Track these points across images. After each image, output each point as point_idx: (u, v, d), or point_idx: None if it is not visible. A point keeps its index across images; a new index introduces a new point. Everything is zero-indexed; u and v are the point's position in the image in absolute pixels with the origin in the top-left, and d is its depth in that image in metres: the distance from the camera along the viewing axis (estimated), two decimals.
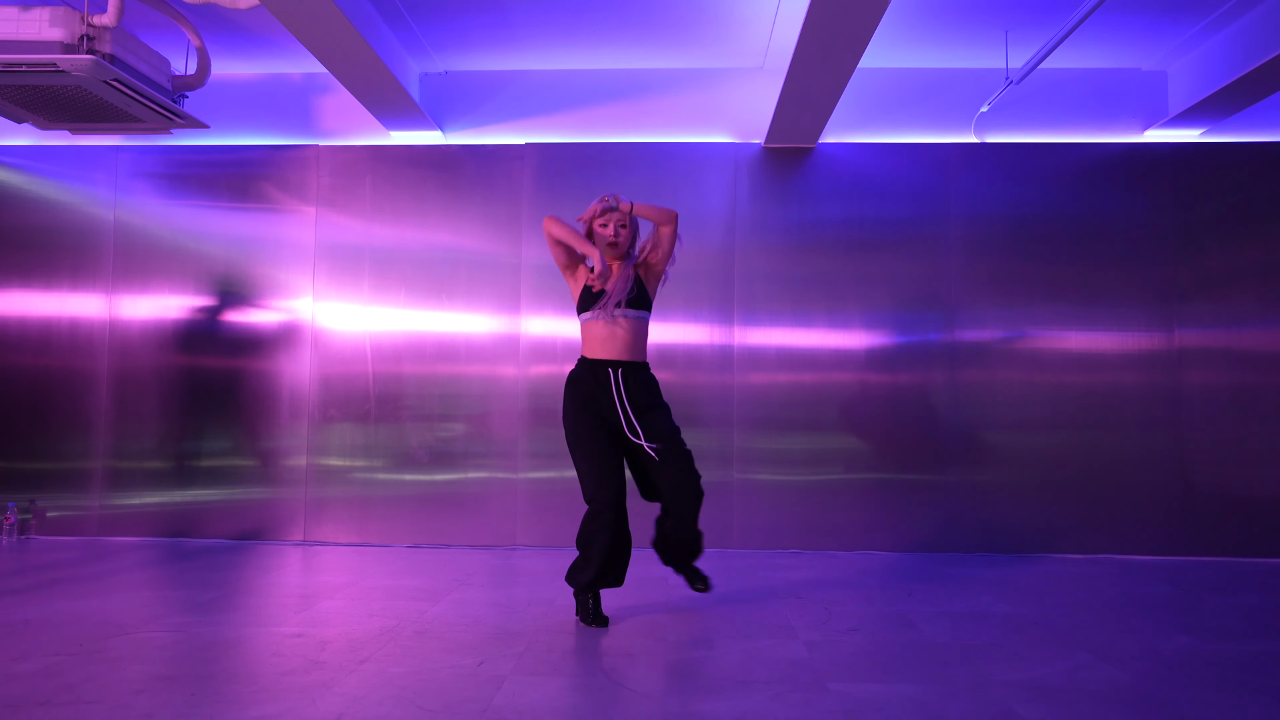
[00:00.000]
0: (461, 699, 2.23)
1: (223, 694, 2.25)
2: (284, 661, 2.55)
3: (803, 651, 2.71)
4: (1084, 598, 3.59)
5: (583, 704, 2.23)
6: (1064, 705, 2.23)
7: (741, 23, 4.41)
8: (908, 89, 4.89)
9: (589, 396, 3.09)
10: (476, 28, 4.47)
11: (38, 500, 4.92)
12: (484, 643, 2.79)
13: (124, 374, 4.95)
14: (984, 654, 2.71)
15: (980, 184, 4.81)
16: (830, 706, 2.20)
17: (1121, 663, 2.62)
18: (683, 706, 2.20)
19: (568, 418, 3.12)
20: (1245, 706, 2.24)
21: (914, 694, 2.31)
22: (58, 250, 5.02)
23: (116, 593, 3.51)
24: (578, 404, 3.10)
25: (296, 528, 4.84)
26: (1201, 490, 4.61)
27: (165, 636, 2.83)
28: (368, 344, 4.90)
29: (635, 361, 3.12)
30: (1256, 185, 4.72)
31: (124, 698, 2.21)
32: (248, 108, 5.02)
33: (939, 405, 4.73)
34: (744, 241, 4.82)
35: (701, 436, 4.64)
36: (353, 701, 2.20)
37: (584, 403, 3.09)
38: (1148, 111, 4.84)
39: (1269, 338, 4.65)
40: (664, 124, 4.92)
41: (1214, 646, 2.83)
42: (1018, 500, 4.66)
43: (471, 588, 3.68)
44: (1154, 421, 4.65)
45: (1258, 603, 3.51)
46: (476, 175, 4.92)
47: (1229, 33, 4.33)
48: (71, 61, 3.56)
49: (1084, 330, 4.72)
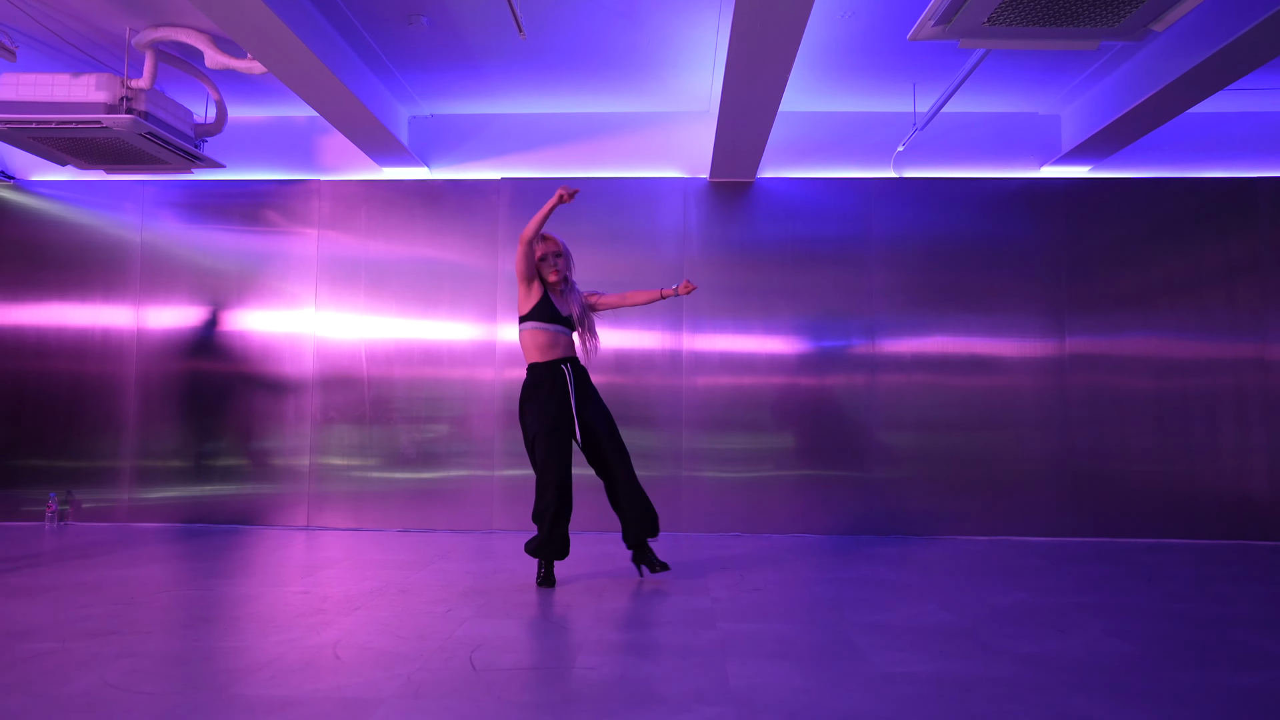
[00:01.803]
0: (430, 631, 2.92)
1: (248, 629, 2.95)
2: (293, 609, 3.24)
3: (707, 603, 3.41)
4: (961, 568, 4.28)
5: (521, 635, 2.92)
6: (893, 637, 2.91)
7: (688, 71, 5.09)
8: (834, 130, 5.59)
9: (547, 396, 3.76)
10: (457, 79, 5.16)
11: (74, 492, 5.62)
12: (454, 598, 3.48)
13: (149, 379, 5.65)
14: (850, 605, 3.41)
15: (898, 211, 5.50)
16: (712, 637, 2.89)
17: (957, 610, 3.32)
18: (599, 638, 2.89)
19: (531, 417, 3.78)
20: (1030, 634, 2.92)
21: (782, 630, 3.00)
22: (92, 269, 5.72)
23: (152, 564, 4.22)
24: (537, 404, 3.78)
25: (301, 515, 5.54)
26: (1087, 479, 5.30)
27: (197, 593, 3.52)
28: (363, 351, 5.59)
29: (575, 358, 3.89)
30: (1136, 214, 5.42)
31: (174, 630, 2.91)
32: (258, 147, 5.73)
33: (860, 405, 5.42)
34: (692, 258, 5.52)
35: (651, 436, 5.35)
36: (346, 633, 2.89)
37: (542, 403, 3.77)
38: (1043, 150, 5.53)
39: (1146, 345, 5.35)
40: (622, 161, 5.63)
41: (1038, 600, 3.52)
42: (929, 489, 5.35)
43: (450, 560, 4.38)
44: (1047, 419, 5.35)
45: (1105, 571, 4.21)
46: (458, 205, 5.62)
47: (1112, 79, 5.00)
48: (114, 120, 4.26)
49: (987, 337, 5.42)
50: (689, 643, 2.82)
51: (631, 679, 2.41)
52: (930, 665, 2.57)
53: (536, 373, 3.82)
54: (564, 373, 3.78)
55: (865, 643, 2.83)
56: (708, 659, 2.62)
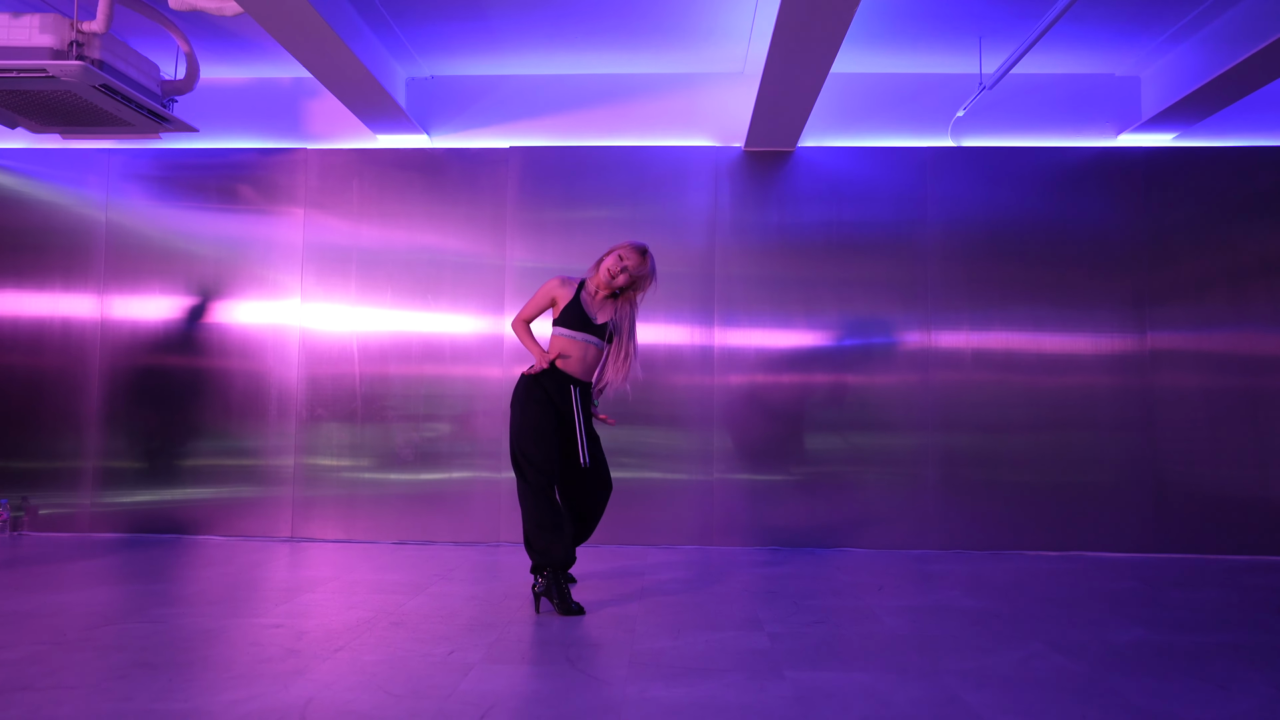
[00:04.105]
0: (429, 685, 2.31)
1: (198, 680, 2.33)
2: (261, 650, 2.63)
3: (765, 642, 2.79)
4: (1049, 592, 3.67)
5: (543, 690, 2.31)
6: (1010, 692, 2.31)
7: (721, 29, 4.49)
8: (885, 93, 4.98)
9: (547, 395, 3.30)
10: (461, 33, 4.56)
11: (30, 498, 5.01)
12: (457, 633, 2.87)
13: (115, 374, 5.04)
14: (939, 645, 2.79)
15: (956, 186, 4.89)
16: (783, 694, 2.28)
17: (1073, 653, 2.71)
18: (641, 694, 2.28)
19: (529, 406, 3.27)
20: (1187, 693, 2.32)
21: (868, 682, 2.39)
22: (50, 251, 5.11)
23: (104, 585, 3.60)
24: (533, 395, 3.28)
25: (284, 525, 4.92)
26: (1173, 489, 4.69)
27: (148, 627, 2.91)
28: (354, 344, 4.98)
29: (589, 383, 3.44)
30: (1227, 189, 4.80)
31: (103, 683, 2.29)
32: (236, 111, 5.11)
33: (914, 405, 4.81)
34: (724, 244, 4.91)
35: (679, 438, 4.74)
36: (323, 688, 2.28)
37: (541, 396, 3.29)
38: (1121, 116, 4.92)
39: (1238, 340, 4.73)
40: (646, 128, 5.01)
41: (1166, 638, 2.91)
42: (991, 499, 4.74)
43: (452, 582, 3.77)
44: (1127, 422, 4.73)
45: (1217, 598, 3.59)
46: (462, 178, 5.01)
47: (1198, 38, 4.41)
48: (61, 67, 3.65)
49: (1058, 332, 4.80)
50: (756, 703, 2.21)
51: None
52: None
53: (545, 371, 3.40)
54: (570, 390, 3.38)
55: (978, 701, 2.23)
56: None
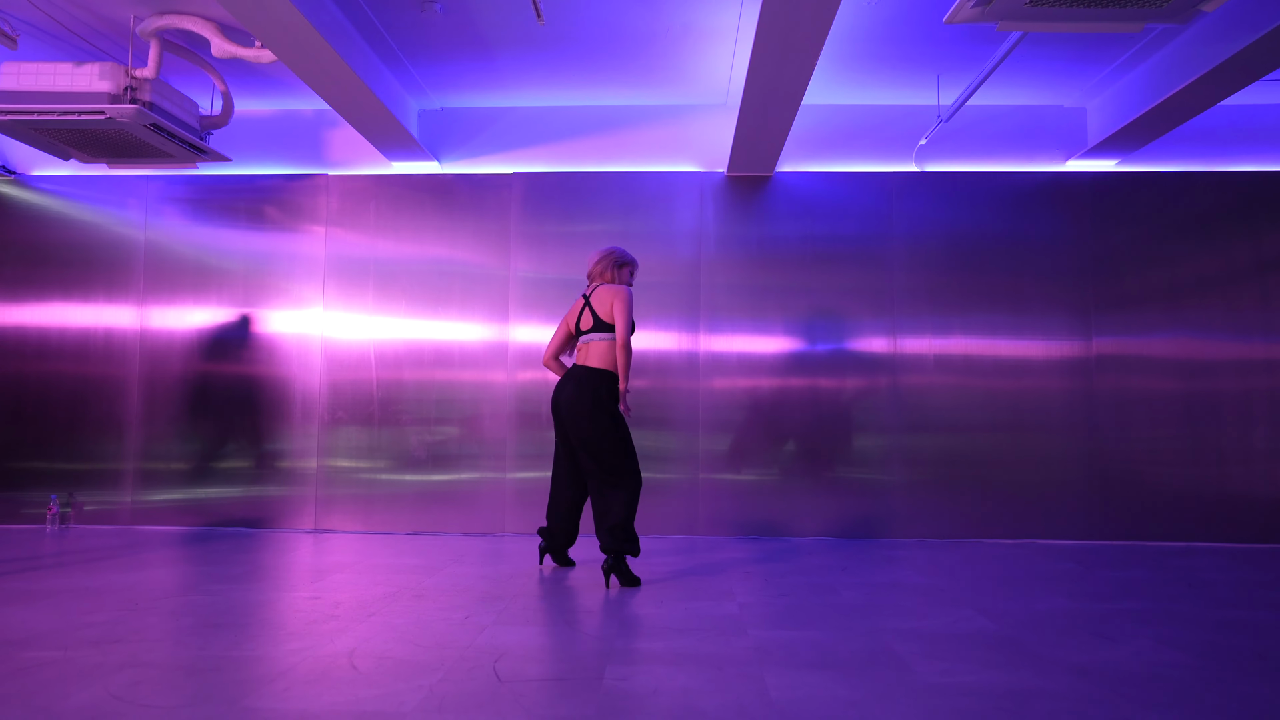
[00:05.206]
0: (450, 640, 2.78)
1: (259, 636, 2.81)
2: (305, 615, 3.11)
3: (735, 609, 3.26)
4: (992, 572, 4.14)
5: (545, 643, 2.78)
6: (935, 645, 2.77)
7: (705, 65, 4.97)
8: (855, 123, 5.46)
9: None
10: (469, 70, 5.04)
11: (75, 494, 5.48)
12: (471, 603, 3.34)
13: (153, 380, 5.52)
14: (884, 611, 3.26)
15: (920, 207, 5.37)
16: (745, 645, 2.75)
17: (995, 616, 3.18)
18: (626, 646, 2.75)
19: (620, 419, 3.82)
20: (1079, 645, 2.78)
21: (818, 638, 2.86)
22: (94, 267, 5.59)
23: (155, 569, 4.08)
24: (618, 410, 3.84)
25: (308, 518, 5.40)
26: (1114, 482, 5.16)
27: (206, 599, 3.38)
28: (372, 351, 5.46)
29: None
30: (1164, 209, 5.28)
31: (182, 637, 2.77)
32: (264, 141, 5.60)
33: (882, 407, 5.28)
34: (709, 256, 5.38)
35: (669, 439, 5.22)
36: (363, 640, 2.75)
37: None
38: (1069, 143, 5.40)
39: (1174, 346, 5.21)
40: (637, 155, 5.50)
41: (1081, 606, 3.38)
42: (952, 492, 5.21)
43: (463, 565, 4.24)
44: (1074, 422, 5.21)
45: (1141, 576, 4.06)
46: (469, 200, 5.49)
47: (1138, 73, 4.88)
48: (117, 110, 4.14)
49: (1013, 339, 5.28)
50: (722, 651, 2.68)
51: (666, 691, 2.28)
52: (979, 675, 2.44)
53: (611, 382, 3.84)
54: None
55: (906, 651, 2.70)
56: (744, 669, 2.48)
